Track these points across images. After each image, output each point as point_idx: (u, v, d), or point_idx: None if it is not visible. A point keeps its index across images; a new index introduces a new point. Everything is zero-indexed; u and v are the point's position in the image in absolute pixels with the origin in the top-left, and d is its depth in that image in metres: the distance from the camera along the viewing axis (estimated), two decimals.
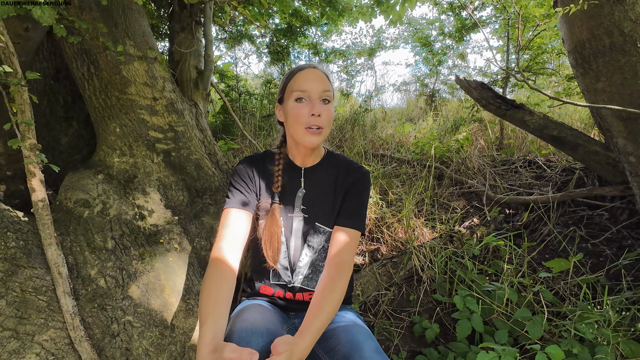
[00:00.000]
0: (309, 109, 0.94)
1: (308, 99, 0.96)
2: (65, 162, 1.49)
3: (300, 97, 0.96)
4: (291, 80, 0.99)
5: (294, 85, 0.97)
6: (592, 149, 1.92)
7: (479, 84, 2.27)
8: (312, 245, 1.05)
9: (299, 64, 1.05)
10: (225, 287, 0.87)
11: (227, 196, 1.02)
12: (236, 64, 6.39)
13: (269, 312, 0.94)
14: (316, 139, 0.95)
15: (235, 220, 0.98)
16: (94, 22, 1.25)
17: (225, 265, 0.90)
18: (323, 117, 0.95)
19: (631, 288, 1.44)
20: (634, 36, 1.39)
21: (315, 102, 0.95)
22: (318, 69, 0.99)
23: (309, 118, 0.94)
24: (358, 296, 1.65)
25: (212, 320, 0.78)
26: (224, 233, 0.96)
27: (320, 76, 0.98)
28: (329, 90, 0.97)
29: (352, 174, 1.06)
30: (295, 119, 0.96)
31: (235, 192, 1.02)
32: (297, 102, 0.96)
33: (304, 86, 0.95)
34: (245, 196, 1.02)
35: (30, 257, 0.96)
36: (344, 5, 2.86)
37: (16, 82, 0.87)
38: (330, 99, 0.98)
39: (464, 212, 2.35)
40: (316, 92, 0.95)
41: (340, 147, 3.72)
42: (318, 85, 0.96)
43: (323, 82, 0.97)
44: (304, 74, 0.98)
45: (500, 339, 1.24)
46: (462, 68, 6.36)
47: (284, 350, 0.71)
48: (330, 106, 0.98)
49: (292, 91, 0.97)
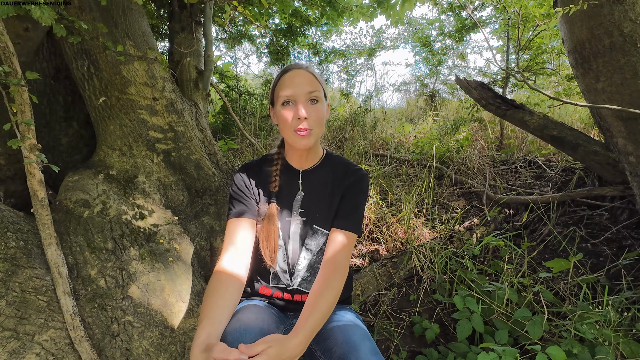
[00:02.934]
0: (295, 112, 0.94)
1: (294, 102, 0.95)
2: (65, 162, 1.49)
3: (287, 100, 0.95)
4: (278, 84, 0.98)
5: (280, 89, 0.97)
6: (592, 149, 1.92)
7: (479, 84, 2.27)
8: (310, 248, 1.05)
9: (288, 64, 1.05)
10: (225, 292, 0.88)
11: (229, 207, 1.04)
12: (236, 64, 6.39)
13: (264, 312, 0.94)
14: (306, 141, 0.95)
15: (239, 231, 1.00)
16: (94, 22, 1.25)
17: (225, 275, 0.91)
18: (311, 118, 0.94)
19: (631, 288, 1.44)
20: (634, 36, 1.39)
21: (300, 104, 0.94)
22: (303, 69, 0.97)
23: (296, 121, 0.94)
24: (358, 296, 1.65)
25: (207, 320, 0.79)
26: (227, 245, 0.98)
27: (306, 77, 0.96)
28: (315, 91, 0.95)
29: (350, 176, 1.05)
30: (283, 123, 0.96)
31: (236, 202, 1.03)
32: (284, 106, 0.96)
33: (289, 90, 0.94)
34: (245, 205, 1.03)
35: (30, 257, 0.96)
36: (344, 5, 2.86)
37: (16, 82, 0.87)
38: (318, 98, 0.96)
39: (464, 212, 2.35)
40: (301, 95, 0.94)
41: (340, 147, 3.72)
42: (303, 88, 0.94)
43: (309, 82, 0.96)
44: (289, 76, 0.96)
45: (501, 339, 1.24)
46: (462, 68, 6.37)
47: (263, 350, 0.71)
48: (319, 106, 0.97)
49: (278, 95, 0.97)
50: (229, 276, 0.91)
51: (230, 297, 0.88)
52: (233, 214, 1.02)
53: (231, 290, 0.89)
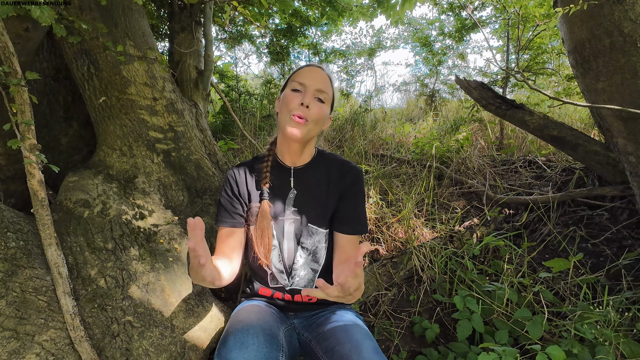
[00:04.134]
0: (301, 99, 0.96)
1: (303, 91, 0.98)
2: (65, 162, 1.49)
3: (297, 88, 0.98)
4: (295, 74, 1.02)
5: (295, 77, 1.00)
6: (592, 149, 1.92)
7: (478, 84, 2.27)
8: (306, 246, 1.05)
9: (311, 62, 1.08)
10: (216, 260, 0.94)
11: (217, 214, 1.06)
12: (236, 64, 6.39)
13: (265, 313, 0.94)
14: (297, 130, 0.95)
15: (227, 236, 1.03)
16: (94, 22, 1.25)
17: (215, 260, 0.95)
18: (312, 111, 0.96)
19: (631, 288, 1.44)
20: (634, 36, 1.39)
21: (308, 95, 0.96)
22: (322, 70, 1.02)
23: (298, 107, 0.95)
24: None
25: None
26: (216, 252, 1.03)
27: (323, 77, 1.00)
28: (325, 92, 0.98)
29: (346, 175, 1.05)
30: (285, 105, 0.98)
31: (223, 210, 1.05)
32: (293, 92, 0.98)
33: (303, 79, 0.98)
34: (231, 214, 1.04)
35: (30, 257, 0.96)
36: (344, 5, 2.86)
37: (16, 82, 0.87)
38: (325, 100, 0.99)
39: (464, 212, 2.35)
40: (312, 87, 0.97)
41: (340, 147, 3.72)
42: (316, 83, 0.98)
43: (323, 82, 0.99)
44: (308, 70, 1.01)
45: (501, 339, 1.24)
46: (462, 68, 6.36)
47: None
48: (323, 106, 0.99)
49: (292, 81, 1.00)
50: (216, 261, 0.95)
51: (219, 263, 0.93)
52: (221, 223, 1.04)
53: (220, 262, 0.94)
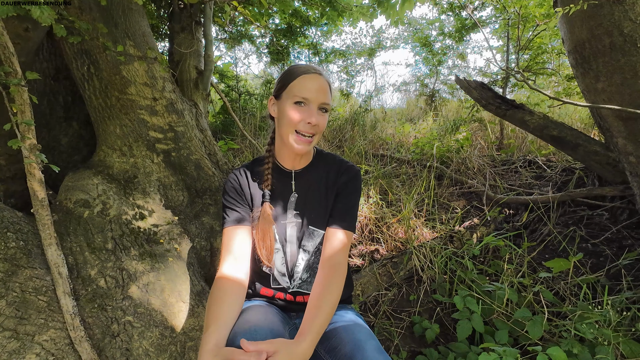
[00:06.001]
0: (306, 116, 0.94)
1: (307, 106, 0.95)
2: (65, 162, 1.49)
3: (300, 102, 0.95)
4: (294, 81, 0.97)
5: (296, 89, 0.95)
6: (592, 149, 1.92)
7: (479, 84, 2.27)
8: (307, 249, 1.05)
9: (302, 63, 1.05)
10: (229, 298, 0.88)
11: (223, 216, 1.04)
12: (236, 64, 6.40)
13: (271, 313, 0.94)
14: (304, 147, 0.96)
15: (236, 238, 1.00)
16: (94, 22, 1.25)
17: (227, 281, 0.92)
18: (318, 126, 0.96)
19: (631, 288, 1.44)
20: (634, 36, 1.39)
21: (313, 110, 0.95)
22: (323, 77, 0.98)
23: (304, 124, 0.94)
24: (358, 296, 1.65)
25: (215, 327, 0.79)
26: (224, 254, 0.98)
27: (324, 86, 0.97)
28: (328, 102, 0.98)
29: (343, 175, 1.05)
30: (289, 121, 0.95)
31: (229, 210, 1.03)
32: (296, 105, 0.95)
33: (307, 93, 0.94)
34: (239, 212, 1.03)
35: (30, 257, 0.96)
36: (344, 5, 2.86)
37: (16, 83, 0.87)
38: (328, 108, 0.99)
39: (464, 212, 2.35)
40: (317, 102, 0.95)
41: (340, 147, 3.72)
42: (320, 96, 0.95)
43: (325, 92, 0.97)
44: (309, 79, 0.95)
45: (501, 339, 1.24)
46: (462, 68, 6.37)
47: (270, 351, 0.71)
48: (326, 115, 0.99)
49: (293, 93, 0.96)
50: (231, 282, 0.91)
51: (234, 303, 0.88)
52: (228, 222, 1.01)
53: (234, 297, 0.90)
